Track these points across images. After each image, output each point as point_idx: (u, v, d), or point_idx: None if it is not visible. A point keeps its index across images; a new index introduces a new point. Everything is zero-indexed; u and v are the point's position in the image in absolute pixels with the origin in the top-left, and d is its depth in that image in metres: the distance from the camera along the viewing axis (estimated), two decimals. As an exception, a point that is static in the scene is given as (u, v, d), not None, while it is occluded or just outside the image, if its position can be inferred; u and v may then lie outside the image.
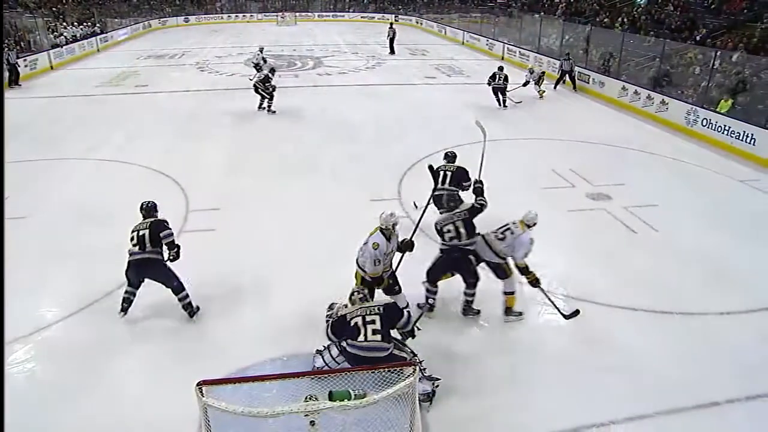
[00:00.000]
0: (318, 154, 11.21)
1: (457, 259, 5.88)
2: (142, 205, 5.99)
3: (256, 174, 10.20)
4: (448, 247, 5.86)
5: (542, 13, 24.57)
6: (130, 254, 5.81)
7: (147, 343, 5.75)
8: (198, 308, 6.08)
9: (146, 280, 5.95)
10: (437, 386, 4.89)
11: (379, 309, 4.71)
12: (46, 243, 7.69)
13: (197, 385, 3.59)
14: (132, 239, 5.80)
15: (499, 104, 14.89)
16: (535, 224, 5.83)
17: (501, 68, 15.01)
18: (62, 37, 25.06)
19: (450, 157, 7.79)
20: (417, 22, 37.85)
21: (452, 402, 4.87)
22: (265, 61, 16.62)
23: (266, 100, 14.30)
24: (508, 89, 14.84)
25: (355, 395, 4.52)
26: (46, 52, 21.85)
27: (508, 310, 6.04)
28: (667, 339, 5.82)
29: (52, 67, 21.51)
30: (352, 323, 4.62)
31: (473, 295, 5.99)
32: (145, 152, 11.31)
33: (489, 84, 14.76)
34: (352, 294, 4.92)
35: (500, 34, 25.62)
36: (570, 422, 4.69)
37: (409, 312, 5.08)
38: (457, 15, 33.38)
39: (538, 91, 16.57)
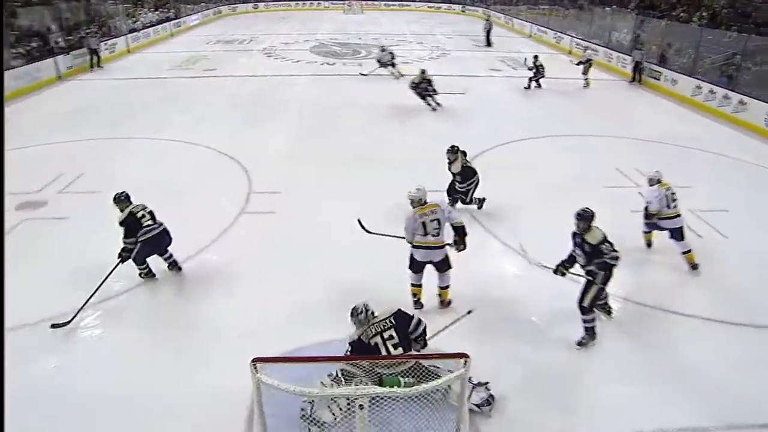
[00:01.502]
0: (378, 144, 11.26)
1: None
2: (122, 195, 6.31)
3: (317, 161, 10.35)
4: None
5: (614, 6, 23.70)
6: (150, 229, 6.27)
7: (206, 318, 5.96)
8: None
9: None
10: (490, 392, 4.77)
11: (390, 321, 4.60)
12: (112, 217, 8.05)
13: (252, 361, 3.69)
14: (144, 217, 6.27)
15: (529, 86, 16.14)
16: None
17: (536, 57, 16.18)
18: (139, 22, 26.10)
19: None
20: (484, 13, 37.28)
21: (504, 403, 4.80)
22: (393, 56, 17.18)
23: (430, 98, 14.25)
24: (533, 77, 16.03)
25: (405, 383, 4.56)
26: (124, 37, 22.86)
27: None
28: (733, 351, 5.53)
29: (129, 51, 22.48)
30: (372, 343, 4.53)
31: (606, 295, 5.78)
32: (210, 134, 11.66)
33: (529, 69, 15.96)
34: (354, 313, 4.69)
35: (568, 28, 24.93)
36: (625, 429, 4.57)
37: (419, 318, 4.82)
38: (525, 7, 32.68)
39: (585, 80, 16.75)
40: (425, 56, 21.95)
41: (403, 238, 5.88)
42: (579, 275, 5.45)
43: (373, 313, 4.68)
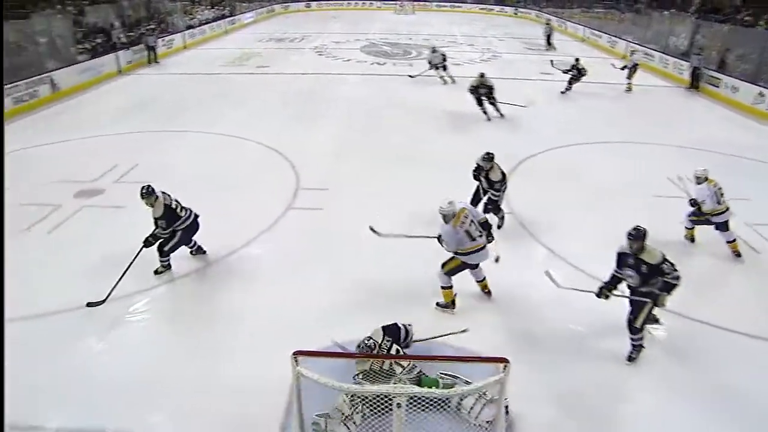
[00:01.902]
0: (422, 146, 11.21)
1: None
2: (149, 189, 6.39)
3: (363, 159, 10.42)
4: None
5: (673, 10, 22.97)
6: (186, 218, 6.54)
7: (253, 308, 6.10)
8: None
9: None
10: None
11: (387, 341, 4.72)
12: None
13: (293, 354, 3.76)
14: (178, 208, 6.51)
15: (564, 91, 15.66)
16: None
17: (577, 59, 15.75)
18: (196, 19, 26.83)
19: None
20: (537, 16, 36.72)
21: (543, 410, 4.75)
22: (444, 59, 16.70)
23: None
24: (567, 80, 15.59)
25: (444, 384, 4.56)
26: (181, 33, 23.56)
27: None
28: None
29: (185, 47, 23.15)
30: (386, 367, 4.54)
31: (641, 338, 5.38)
32: (261, 130, 11.88)
33: (565, 72, 15.53)
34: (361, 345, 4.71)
35: (624, 32, 24.30)
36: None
37: (402, 324, 4.94)
38: (579, 10, 32.03)
39: (627, 84, 16.34)
40: (476, 58, 21.80)
41: (417, 237, 6.17)
42: (621, 296, 5.26)
43: (377, 345, 4.72)
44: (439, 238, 5.88)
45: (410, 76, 17.43)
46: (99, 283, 6.10)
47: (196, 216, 6.67)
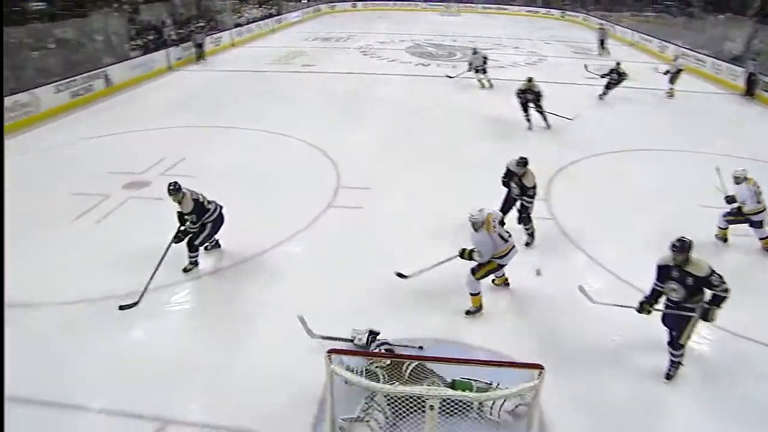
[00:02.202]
0: (467, 147, 11.15)
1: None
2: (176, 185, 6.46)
3: (405, 160, 10.41)
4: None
5: (729, 14, 22.18)
6: (213, 211, 6.67)
7: (285, 303, 6.13)
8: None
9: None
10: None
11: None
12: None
13: (327, 352, 3.81)
14: (205, 201, 6.61)
15: (603, 94, 15.08)
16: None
17: (618, 63, 15.18)
18: (244, 17, 27.36)
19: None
20: (584, 19, 36.06)
21: (573, 419, 4.67)
22: (485, 61, 16.27)
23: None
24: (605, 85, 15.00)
25: (478, 388, 4.54)
26: (229, 31, 24.06)
27: None
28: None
29: (233, 45, 23.62)
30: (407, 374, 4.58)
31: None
32: (304, 128, 12.01)
33: (602, 77, 15.02)
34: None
35: (675, 36, 23.59)
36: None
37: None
38: (628, 13, 31.27)
39: (669, 90, 15.88)
40: (521, 61, 21.55)
41: (447, 260, 6.00)
42: (667, 311, 5.02)
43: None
44: (463, 254, 5.81)
45: (449, 76, 17.31)
46: (140, 273, 6.23)
47: (221, 207, 6.78)
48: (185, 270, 6.69)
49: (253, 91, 15.80)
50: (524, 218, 7.32)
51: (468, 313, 5.95)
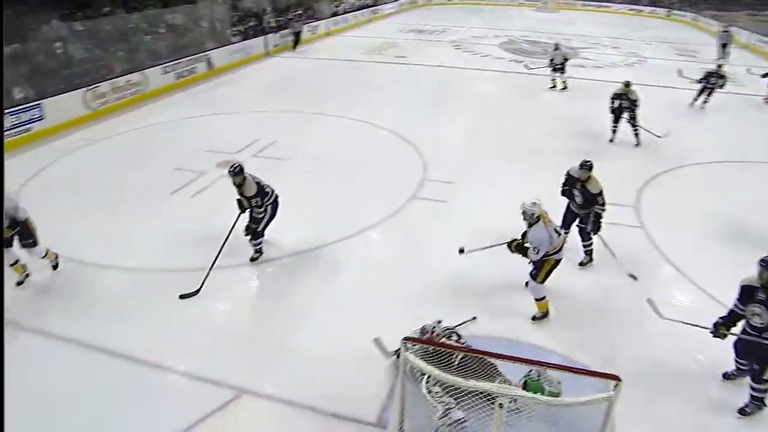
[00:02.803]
0: (554, 146, 10.82)
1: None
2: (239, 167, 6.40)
3: (490, 155, 10.29)
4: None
5: None
6: (272, 193, 6.58)
7: (368, 285, 6.34)
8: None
9: None
10: None
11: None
12: (298, 186, 8.78)
13: (403, 339, 3.88)
14: (261, 183, 6.49)
15: (694, 100, 13.83)
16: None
17: (720, 66, 14.24)
18: (341, 7, 27.88)
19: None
20: (693, 19, 34.01)
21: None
22: (565, 60, 15.43)
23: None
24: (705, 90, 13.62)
25: (549, 392, 4.45)
26: (325, 20, 24.61)
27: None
28: None
29: (328, 34, 24.16)
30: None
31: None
32: (394, 118, 12.11)
33: (699, 81, 13.57)
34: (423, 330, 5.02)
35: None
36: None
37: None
38: (744, 13, 29.11)
39: None
40: (619, 62, 20.62)
41: (495, 246, 5.95)
42: (748, 338, 4.57)
43: (442, 332, 5.04)
44: (511, 246, 5.68)
45: (526, 66, 16.74)
46: (228, 249, 6.56)
47: (276, 193, 6.68)
48: (253, 259, 6.73)
49: (345, 80, 16.12)
50: (588, 231, 6.62)
51: (534, 318, 5.79)
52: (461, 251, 6.13)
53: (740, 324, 4.61)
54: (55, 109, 11.18)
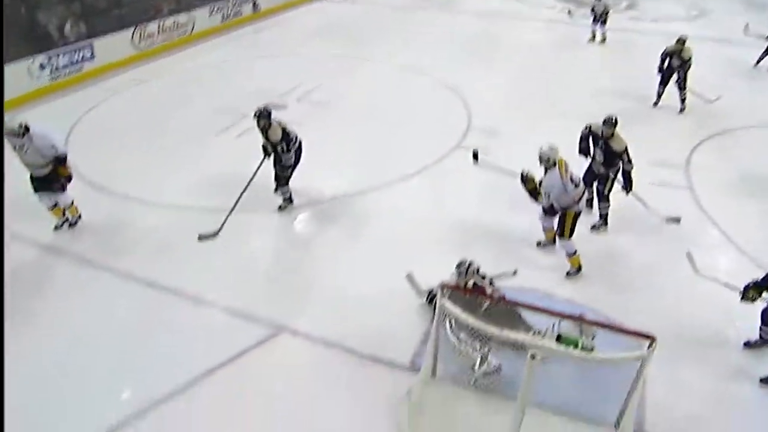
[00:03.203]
0: (598, 104, 10.16)
1: None
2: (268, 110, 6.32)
3: (535, 108, 9.90)
4: None
5: None
6: (296, 138, 6.42)
7: (406, 232, 6.35)
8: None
9: None
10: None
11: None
12: (341, 131, 8.79)
13: (440, 286, 3.91)
14: (290, 130, 6.37)
15: (759, 60, 12.44)
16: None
17: None
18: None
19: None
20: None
21: (675, 399, 4.45)
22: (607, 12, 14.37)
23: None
24: None
25: (583, 346, 4.43)
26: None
27: None
28: None
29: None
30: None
31: None
32: (440, 66, 11.86)
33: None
34: (459, 265, 4.95)
35: None
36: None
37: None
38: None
39: None
40: (680, 14, 19.27)
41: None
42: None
43: (476, 270, 4.94)
44: (525, 178, 5.50)
45: (570, 13, 16.37)
46: (264, 191, 6.67)
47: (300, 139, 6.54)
48: (281, 208, 6.68)
49: (391, 26, 15.73)
50: (606, 194, 6.35)
51: (568, 274, 5.75)
52: (475, 156, 6.06)
53: None
54: (105, 49, 11.35)
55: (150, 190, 7.07)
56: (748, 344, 4.85)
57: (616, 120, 6.08)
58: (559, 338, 4.46)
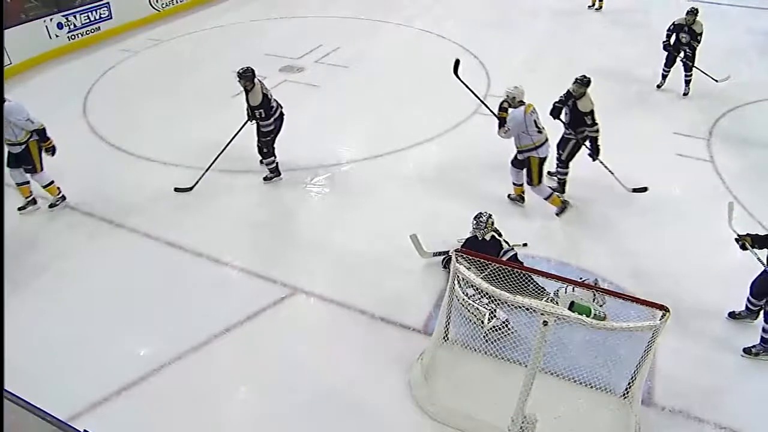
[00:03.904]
0: (623, 71, 9.95)
1: None
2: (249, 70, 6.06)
3: (552, 76, 9.49)
4: None
5: None
6: (277, 108, 6.30)
7: (420, 200, 6.34)
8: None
9: None
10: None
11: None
12: (359, 94, 8.70)
13: (454, 251, 3.91)
14: (272, 98, 6.25)
15: None
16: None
17: None
18: None
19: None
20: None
21: (685, 374, 4.42)
22: None
23: None
24: None
25: (595, 315, 4.43)
26: None
27: None
28: None
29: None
30: (488, 237, 4.96)
31: None
32: (460, 31, 11.57)
33: None
34: (477, 217, 5.05)
35: None
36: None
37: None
38: None
39: None
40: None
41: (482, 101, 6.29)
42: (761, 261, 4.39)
43: (492, 222, 5.07)
44: (501, 124, 5.69)
45: None
46: (282, 152, 6.65)
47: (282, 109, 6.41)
48: (266, 179, 6.57)
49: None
50: (564, 159, 6.20)
51: (558, 214, 5.97)
52: (456, 65, 6.51)
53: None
54: (122, 9, 11.29)
55: (167, 151, 7.12)
56: (732, 315, 4.83)
57: (588, 80, 5.86)
58: (572, 306, 4.49)
